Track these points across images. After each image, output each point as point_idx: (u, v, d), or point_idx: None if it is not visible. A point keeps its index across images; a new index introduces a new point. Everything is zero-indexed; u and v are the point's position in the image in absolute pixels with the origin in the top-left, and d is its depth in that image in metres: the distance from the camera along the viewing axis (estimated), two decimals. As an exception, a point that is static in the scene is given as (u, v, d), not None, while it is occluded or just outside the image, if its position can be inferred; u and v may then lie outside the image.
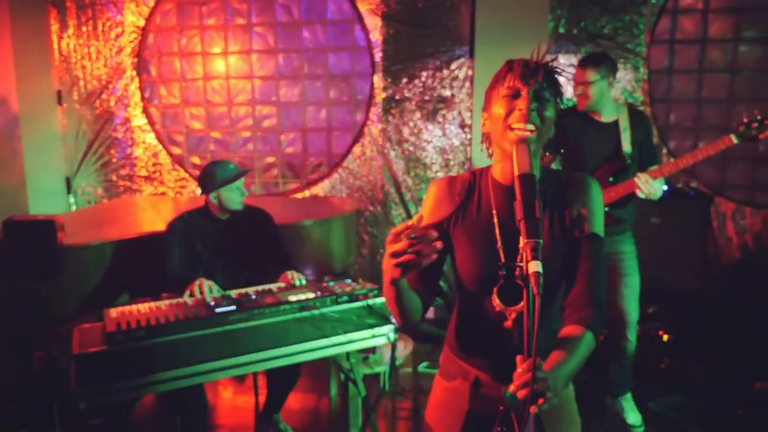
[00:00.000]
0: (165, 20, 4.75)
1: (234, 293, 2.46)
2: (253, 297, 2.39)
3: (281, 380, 2.85)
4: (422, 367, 3.53)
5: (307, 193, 4.76)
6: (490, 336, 1.37)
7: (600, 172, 2.86)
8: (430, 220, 1.43)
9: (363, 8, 4.40)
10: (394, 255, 1.10)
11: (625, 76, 4.15)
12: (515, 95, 1.28)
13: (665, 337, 3.64)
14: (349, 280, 2.62)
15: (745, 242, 4.15)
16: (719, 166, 4.24)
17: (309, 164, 4.81)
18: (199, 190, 4.72)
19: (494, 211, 1.36)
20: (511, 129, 1.27)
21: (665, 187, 2.82)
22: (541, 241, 1.09)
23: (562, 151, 2.95)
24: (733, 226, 4.17)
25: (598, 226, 1.35)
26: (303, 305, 2.34)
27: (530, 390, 1.03)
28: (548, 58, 1.31)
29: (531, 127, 1.25)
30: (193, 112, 4.88)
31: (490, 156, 1.40)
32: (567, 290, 1.35)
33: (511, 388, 1.06)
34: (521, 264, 1.09)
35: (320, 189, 4.72)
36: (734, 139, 2.62)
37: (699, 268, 3.87)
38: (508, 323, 1.29)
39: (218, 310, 2.22)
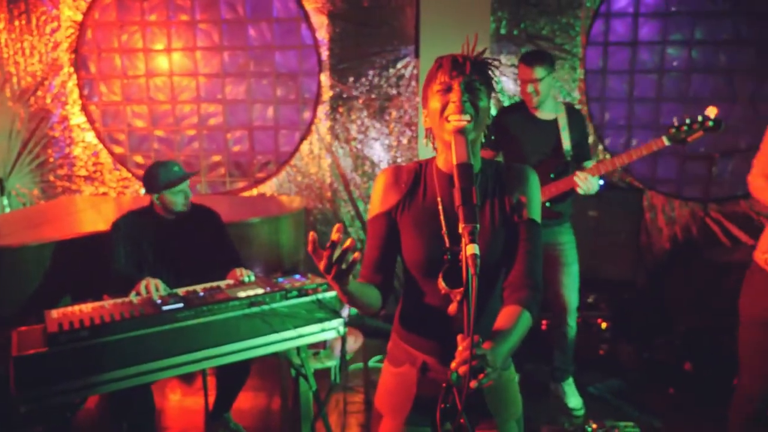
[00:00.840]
0: (104, 15, 4.62)
1: (181, 291, 2.44)
2: (201, 294, 2.37)
3: (231, 378, 2.83)
4: (373, 362, 3.58)
5: (254, 191, 4.72)
6: (437, 320, 1.43)
7: (541, 168, 2.98)
8: (380, 208, 1.48)
9: (309, 7, 4.41)
10: (325, 272, 1.16)
11: (562, 76, 4.32)
12: (448, 89, 1.34)
13: (603, 325, 3.83)
14: (298, 276, 2.64)
15: (674, 233, 4.41)
16: (650, 161, 4.48)
17: (256, 162, 4.78)
18: (142, 190, 4.62)
19: (438, 199, 1.43)
20: (448, 120, 1.34)
21: (601, 182, 2.98)
22: (478, 225, 1.17)
23: (494, 140, 3.05)
24: (663, 218, 4.42)
25: (536, 213, 1.44)
26: (252, 301, 2.34)
27: (470, 366, 1.09)
28: (478, 49, 1.37)
29: (466, 117, 1.32)
30: (136, 110, 4.77)
31: (435, 149, 1.47)
32: (507, 273, 1.43)
33: (453, 365, 1.12)
34: None
35: (268, 187, 4.70)
36: (666, 141, 2.79)
37: (633, 258, 4.08)
38: (454, 305, 1.35)
39: (165, 307, 2.20)
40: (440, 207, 1.42)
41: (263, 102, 4.70)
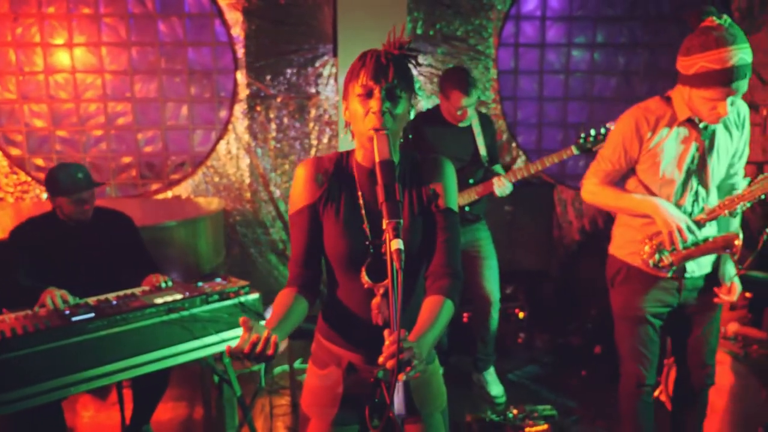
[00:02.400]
0: (-5, 6, 4.26)
1: (92, 300, 2.30)
2: (114, 303, 2.25)
3: (149, 388, 2.71)
4: (298, 363, 3.55)
5: (169, 193, 4.54)
6: (360, 317, 1.44)
7: (460, 174, 3.08)
8: (303, 202, 1.46)
9: (223, 2, 4.29)
10: (256, 363, 1.18)
11: (477, 76, 4.46)
12: (369, 94, 1.34)
13: (521, 315, 4.00)
14: (219, 279, 2.57)
15: (583, 225, 4.68)
16: (560, 157, 4.73)
17: (170, 163, 4.59)
18: (44, 194, 4.33)
19: (359, 193, 1.43)
20: (373, 130, 1.33)
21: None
22: (401, 221, 1.18)
23: (412, 143, 3.12)
24: (573, 211, 4.68)
25: (452, 202, 1.47)
26: (170, 307, 2.26)
27: (397, 360, 1.11)
28: (405, 38, 1.37)
29: (385, 127, 1.32)
30: (34, 108, 4.44)
31: (353, 139, 1.45)
32: (428, 263, 1.45)
33: (380, 360, 1.13)
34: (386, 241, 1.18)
35: (183, 189, 4.53)
36: (575, 151, 3.01)
37: (547, 249, 4.29)
38: (377, 299, 1.36)
39: (75, 318, 2.07)
40: (361, 201, 1.43)
41: (176, 100, 4.52)
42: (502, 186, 3.05)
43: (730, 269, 2.20)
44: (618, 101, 4.65)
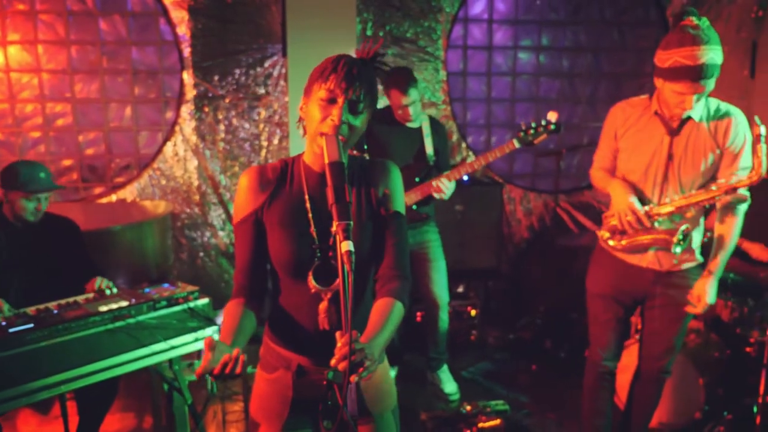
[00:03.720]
0: None
1: (30, 310, 2.21)
2: (55, 312, 2.17)
3: (95, 400, 2.62)
4: (251, 368, 3.49)
5: (113, 197, 4.38)
6: (308, 321, 1.43)
7: (406, 172, 3.09)
8: (246, 211, 1.44)
9: (167, 0, 4.18)
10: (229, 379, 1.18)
11: (426, 77, 4.51)
12: (331, 101, 1.32)
13: (473, 312, 4.07)
14: (167, 285, 2.50)
15: (531, 223, 4.79)
16: (508, 158, 4.83)
17: (114, 166, 4.44)
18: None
19: (306, 196, 1.42)
20: (322, 135, 1.32)
21: (465, 177, 3.16)
22: (351, 222, 1.19)
23: (365, 147, 3.12)
24: (521, 210, 4.79)
25: (400, 205, 1.49)
26: (116, 315, 2.19)
27: (349, 361, 1.11)
28: (380, 51, 1.38)
29: (340, 137, 1.32)
30: (-35, 109, 4.21)
31: (304, 136, 1.43)
32: (377, 266, 1.46)
33: (332, 361, 1.13)
34: (334, 245, 1.18)
35: (129, 192, 4.38)
36: (516, 144, 3.04)
37: (497, 247, 4.38)
38: (324, 304, 1.36)
39: (12, 329, 1.97)
40: (308, 205, 1.42)
41: (119, 101, 4.37)
42: (441, 188, 2.99)
43: (704, 282, 2.24)
44: (563, 102, 4.80)
